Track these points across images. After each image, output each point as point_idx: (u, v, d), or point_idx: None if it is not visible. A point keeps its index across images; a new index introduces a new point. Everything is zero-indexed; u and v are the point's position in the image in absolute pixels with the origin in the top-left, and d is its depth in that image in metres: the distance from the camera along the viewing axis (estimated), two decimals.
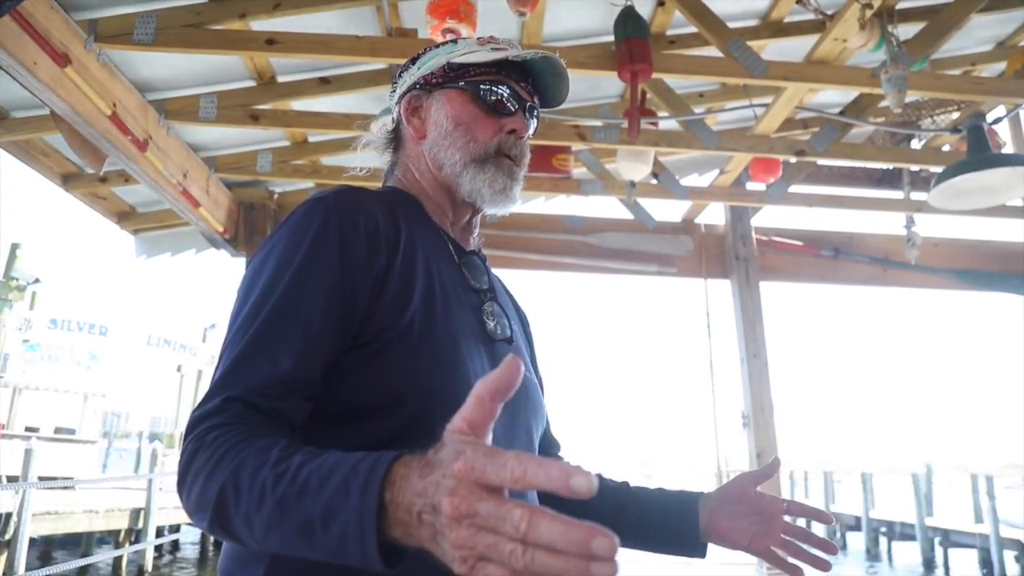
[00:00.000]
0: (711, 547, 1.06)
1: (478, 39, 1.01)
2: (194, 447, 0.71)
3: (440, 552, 0.52)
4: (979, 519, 15.57)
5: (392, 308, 0.83)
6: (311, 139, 3.66)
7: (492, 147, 0.97)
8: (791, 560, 0.99)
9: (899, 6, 2.79)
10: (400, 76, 1.07)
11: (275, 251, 0.83)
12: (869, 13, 2.40)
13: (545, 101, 1.04)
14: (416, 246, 0.90)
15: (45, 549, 12.28)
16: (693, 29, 2.94)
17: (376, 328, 0.82)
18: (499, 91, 0.98)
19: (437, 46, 1.04)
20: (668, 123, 3.31)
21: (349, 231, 0.83)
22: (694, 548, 1.06)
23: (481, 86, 0.98)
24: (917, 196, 3.96)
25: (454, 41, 1.03)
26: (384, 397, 0.80)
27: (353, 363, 0.81)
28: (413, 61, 1.05)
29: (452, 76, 0.99)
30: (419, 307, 0.84)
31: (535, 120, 1.04)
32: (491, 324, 0.94)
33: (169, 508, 12.64)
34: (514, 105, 0.99)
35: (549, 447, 1.14)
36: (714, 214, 4.51)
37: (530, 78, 1.01)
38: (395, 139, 1.07)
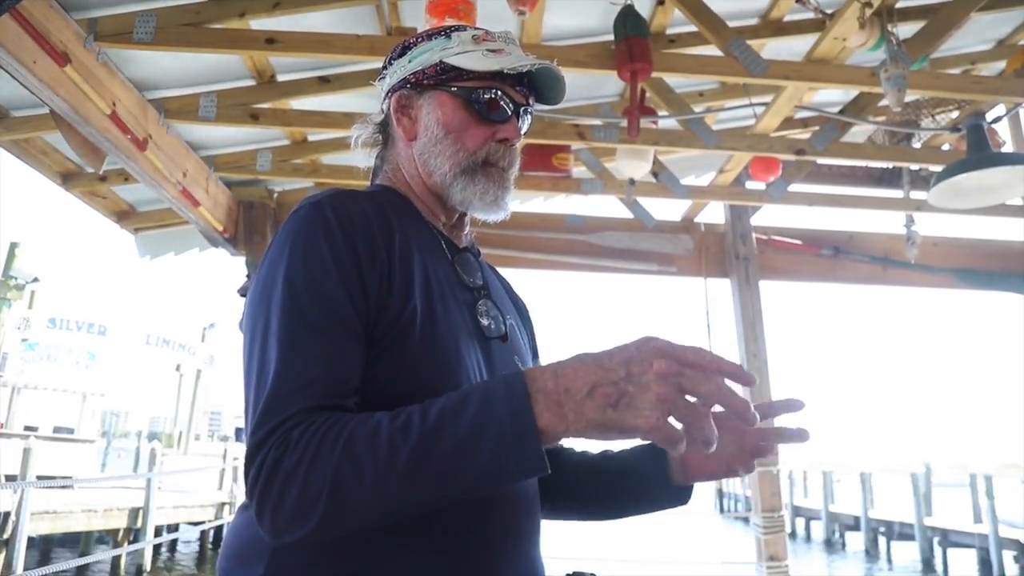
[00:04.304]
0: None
1: (473, 36, 0.98)
2: (278, 452, 0.70)
3: (601, 416, 0.65)
4: (978, 519, 15.59)
5: (395, 307, 0.83)
6: (311, 138, 3.66)
7: (480, 156, 0.96)
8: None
9: (899, 5, 2.78)
10: (390, 64, 1.03)
11: (285, 258, 0.83)
12: (869, 12, 2.39)
13: (542, 98, 1.02)
14: (411, 245, 0.89)
15: (44, 548, 12.29)
16: (693, 28, 2.93)
17: (383, 328, 0.82)
18: (493, 98, 0.96)
19: (430, 38, 1.00)
20: (668, 122, 3.31)
21: (351, 231, 0.83)
22: (674, 497, 1.02)
23: (473, 94, 0.95)
24: (917, 195, 3.95)
25: (447, 35, 0.99)
26: (386, 397, 0.80)
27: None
28: (403, 51, 1.02)
29: (444, 78, 0.96)
30: (418, 307, 0.84)
31: (528, 118, 1.02)
32: (485, 322, 0.94)
33: (168, 508, 12.65)
34: (507, 112, 0.97)
35: None
36: (714, 213, 4.53)
37: (525, 78, 0.98)
38: (384, 133, 1.05)
